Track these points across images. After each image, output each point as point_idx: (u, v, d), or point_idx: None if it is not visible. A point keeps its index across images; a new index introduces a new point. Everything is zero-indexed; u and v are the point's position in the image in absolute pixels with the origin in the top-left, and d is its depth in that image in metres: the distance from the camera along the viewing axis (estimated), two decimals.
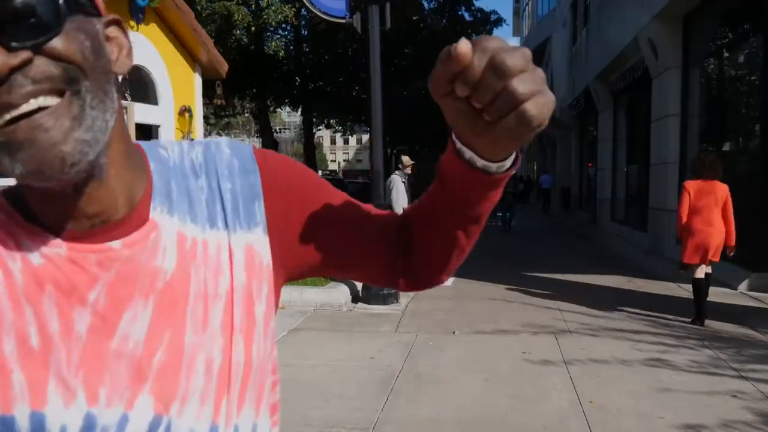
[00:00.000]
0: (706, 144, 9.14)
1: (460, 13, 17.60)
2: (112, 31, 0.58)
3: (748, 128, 7.99)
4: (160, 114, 4.14)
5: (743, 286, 6.91)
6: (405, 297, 6.69)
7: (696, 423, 3.34)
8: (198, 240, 0.62)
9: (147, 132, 3.91)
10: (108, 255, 0.57)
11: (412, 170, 8.06)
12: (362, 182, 16.04)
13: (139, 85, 4.05)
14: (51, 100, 0.49)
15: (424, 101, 21.78)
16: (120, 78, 0.60)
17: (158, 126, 4.13)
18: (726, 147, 8.66)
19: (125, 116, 3.36)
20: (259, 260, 0.65)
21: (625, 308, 6.10)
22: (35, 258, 0.56)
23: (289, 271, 0.71)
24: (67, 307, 0.56)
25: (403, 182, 7.72)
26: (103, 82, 0.53)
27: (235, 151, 0.67)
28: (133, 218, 0.59)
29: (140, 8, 3.75)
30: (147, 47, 3.94)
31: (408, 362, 4.46)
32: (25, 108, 0.48)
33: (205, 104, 7.06)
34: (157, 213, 0.60)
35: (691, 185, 5.46)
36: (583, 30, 17.16)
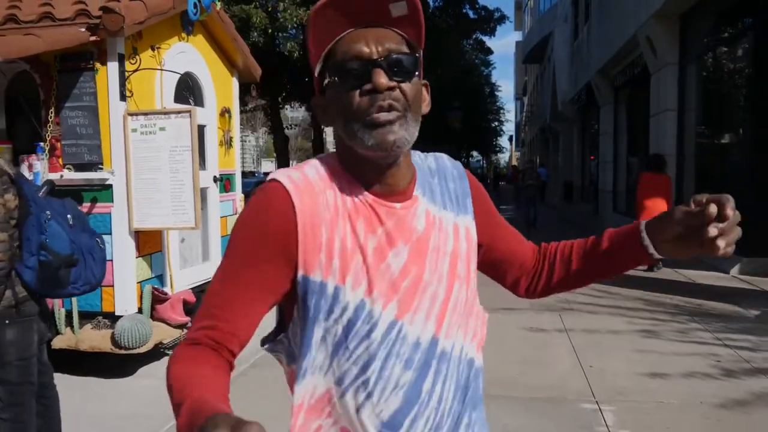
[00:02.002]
0: (701, 137, 9.57)
1: (464, 11, 17.95)
2: (424, 89, 0.95)
3: (740, 121, 8.41)
4: (206, 115, 4.60)
5: (735, 270, 7.38)
6: None
7: (684, 380, 3.84)
8: (436, 216, 0.95)
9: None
10: (392, 210, 0.91)
11: None
12: None
13: (192, 91, 4.52)
14: (395, 114, 0.85)
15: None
16: (421, 115, 0.92)
17: (204, 126, 4.60)
18: (720, 139, 9.09)
19: (189, 120, 3.85)
20: (472, 236, 1.00)
21: (623, 289, 6.59)
22: (353, 197, 0.90)
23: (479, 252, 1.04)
24: (367, 230, 0.89)
25: None
26: (416, 113, 0.89)
27: (453, 163, 1.05)
28: (407, 193, 0.93)
29: (191, 21, 4.23)
30: (195, 56, 4.40)
31: None
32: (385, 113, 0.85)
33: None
34: (418, 193, 0.95)
35: (644, 176, 7.73)
36: (584, 26, 17.49)
